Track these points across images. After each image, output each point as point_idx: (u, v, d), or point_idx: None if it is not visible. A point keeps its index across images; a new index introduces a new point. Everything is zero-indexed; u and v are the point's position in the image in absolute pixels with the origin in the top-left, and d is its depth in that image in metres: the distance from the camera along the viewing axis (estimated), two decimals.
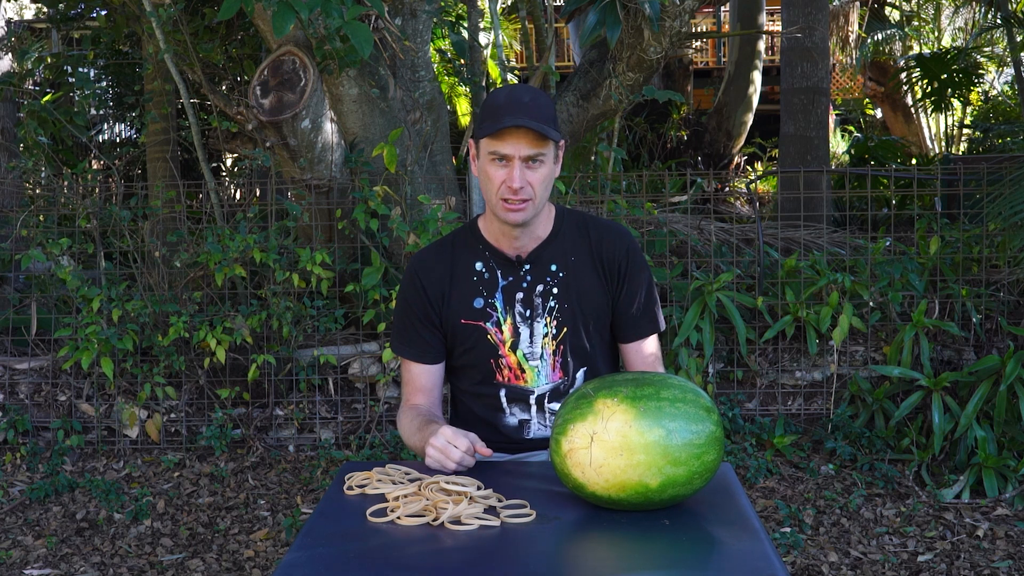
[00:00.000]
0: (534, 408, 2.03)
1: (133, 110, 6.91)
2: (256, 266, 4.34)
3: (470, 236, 2.04)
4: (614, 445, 1.54)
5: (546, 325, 2.00)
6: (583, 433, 1.56)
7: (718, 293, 4.17)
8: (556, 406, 2.03)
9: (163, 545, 3.48)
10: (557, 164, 1.93)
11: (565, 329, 2.00)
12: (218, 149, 6.28)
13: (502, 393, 2.02)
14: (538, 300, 1.99)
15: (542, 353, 2.01)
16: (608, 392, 1.59)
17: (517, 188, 1.85)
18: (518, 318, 1.99)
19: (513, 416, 2.04)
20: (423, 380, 2.03)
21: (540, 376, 2.01)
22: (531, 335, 2.00)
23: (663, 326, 2.10)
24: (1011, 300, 4.36)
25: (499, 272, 2.00)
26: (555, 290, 2.00)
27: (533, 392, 2.02)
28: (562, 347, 2.01)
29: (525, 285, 2.00)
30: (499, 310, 1.99)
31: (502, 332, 1.99)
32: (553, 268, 2.00)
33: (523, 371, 2.01)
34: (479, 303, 1.99)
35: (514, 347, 2.00)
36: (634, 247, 2.04)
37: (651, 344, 2.07)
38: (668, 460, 1.54)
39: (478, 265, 2.01)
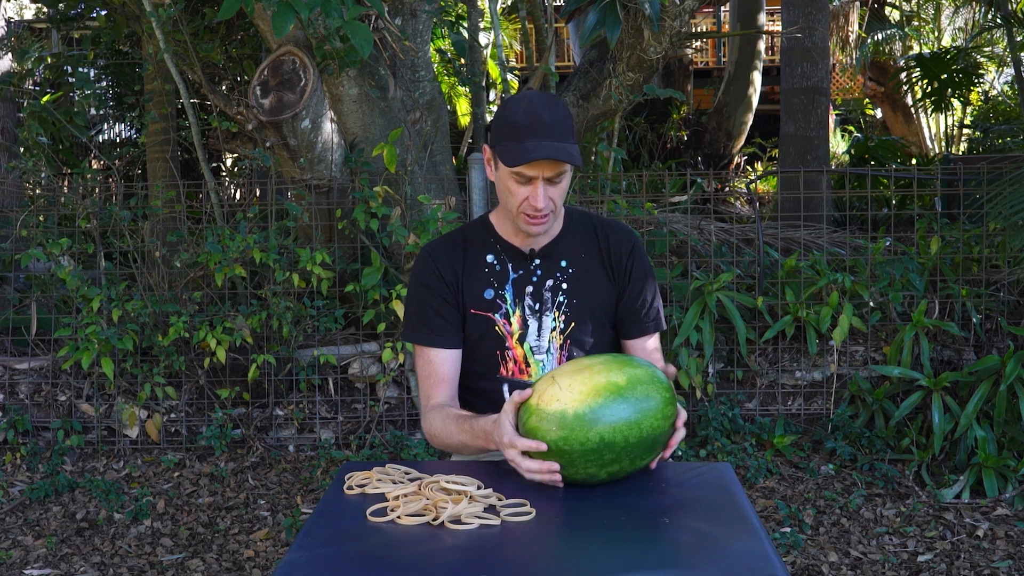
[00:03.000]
0: None
1: (133, 110, 6.92)
2: (256, 266, 4.34)
3: (481, 230, 2.06)
4: (572, 369, 1.68)
5: (554, 319, 2.02)
6: (543, 381, 1.69)
7: (718, 293, 4.17)
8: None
9: (163, 545, 3.48)
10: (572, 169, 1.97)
11: (573, 324, 2.03)
12: (218, 149, 6.29)
13: (504, 388, 2.03)
14: (547, 294, 2.02)
15: (548, 347, 2.02)
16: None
17: (542, 206, 1.88)
18: (527, 311, 2.01)
19: None
20: (445, 368, 2.01)
21: (545, 370, 2.03)
22: (539, 329, 2.02)
23: (664, 326, 2.13)
24: (1011, 300, 4.36)
25: (510, 265, 2.03)
26: (564, 285, 2.02)
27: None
28: (568, 342, 2.03)
29: (535, 279, 2.02)
30: (508, 302, 2.01)
31: (510, 324, 2.01)
32: (563, 264, 2.03)
33: (528, 365, 2.02)
34: (489, 294, 2.01)
35: (521, 340, 2.02)
36: (639, 246, 2.09)
37: (654, 342, 2.10)
38: (625, 364, 1.69)
39: (489, 257, 2.03)
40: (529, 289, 2.02)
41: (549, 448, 1.64)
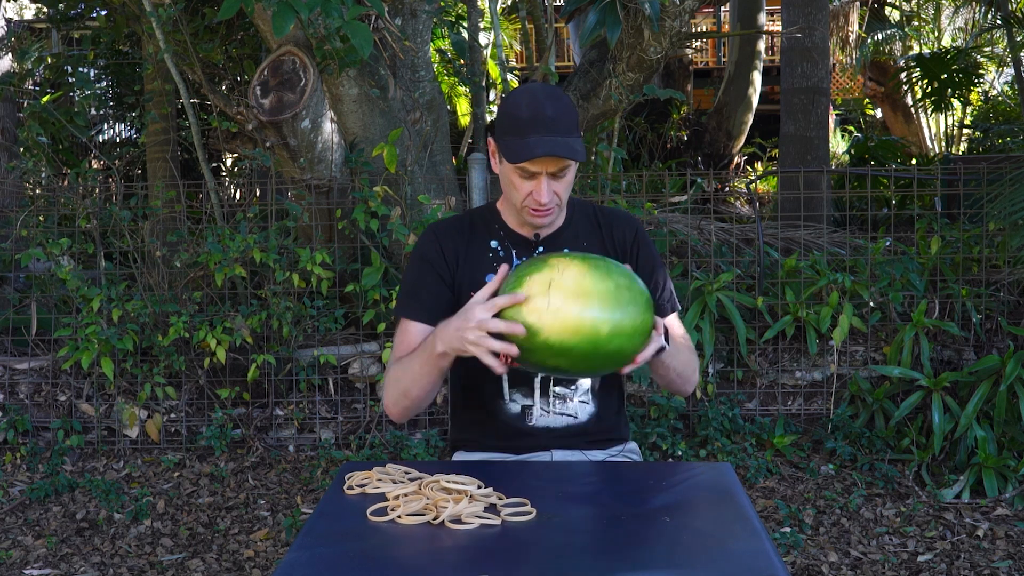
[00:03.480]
0: (537, 392, 2.01)
1: (133, 110, 6.92)
2: (256, 266, 4.34)
3: (488, 215, 2.07)
4: (571, 290, 1.61)
5: None
6: (540, 281, 1.63)
7: (718, 293, 4.17)
8: (560, 389, 2.01)
9: (163, 545, 3.48)
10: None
11: None
12: (218, 149, 6.29)
13: (504, 377, 2.00)
14: None
15: None
16: (560, 254, 1.71)
17: (546, 202, 1.89)
18: None
19: (514, 402, 2.02)
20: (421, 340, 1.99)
21: None
22: None
23: (680, 306, 2.11)
24: (1011, 300, 4.36)
25: (514, 252, 2.03)
26: None
27: (538, 373, 2.01)
28: None
29: None
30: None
31: None
32: (566, 252, 2.02)
33: None
34: (490, 279, 2.00)
35: None
36: (642, 231, 2.08)
37: (674, 323, 2.07)
38: (619, 307, 1.62)
39: (494, 243, 2.04)
40: None
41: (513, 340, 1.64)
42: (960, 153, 10.03)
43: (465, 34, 6.23)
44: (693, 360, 2.02)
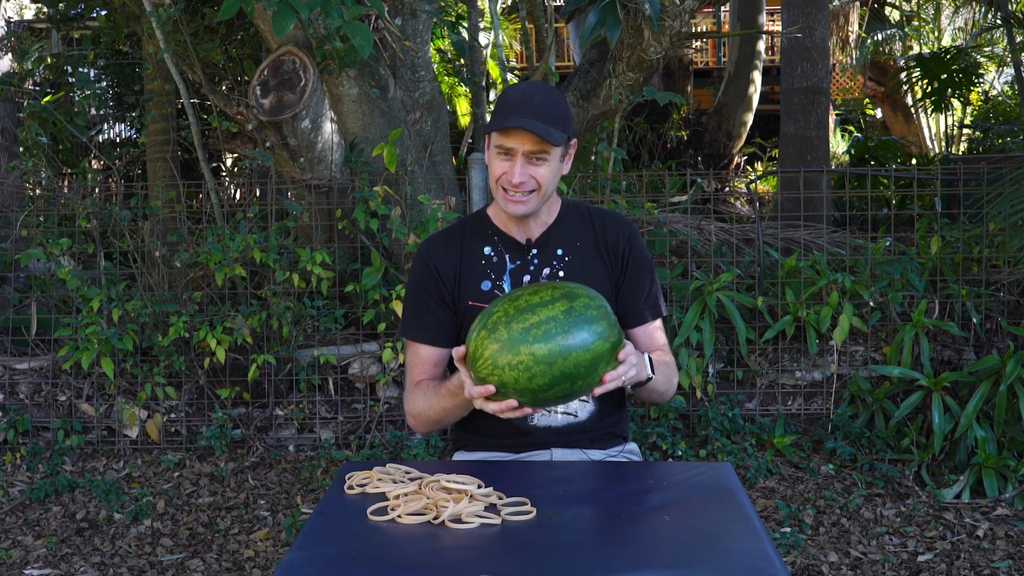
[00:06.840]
0: None
1: (133, 110, 6.91)
2: (256, 266, 4.34)
3: (479, 222, 2.10)
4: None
5: None
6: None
7: (718, 293, 4.17)
8: None
9: (163, 545, 3.48)
10: (566, 161, 2.00)
11: None
12: (218, 149, 6.28)
13: None
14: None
15: None
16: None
17: (517, 182, 1.92)
18: None
19: None
20: (434, 361, 2.05)
21: None
22: None
23: (665, 312, 2.14)
24: (1011, 300, 4.36)
25: (507, 256, 2.05)
26: (561, 273, 2.05)
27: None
28: None
29: (532, 268, 2.05)
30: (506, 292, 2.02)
31: None
32: (559, 252, 2.06)
33: None
34: (486, 285, 2.03)
35: None
36: (636, 235, 2.11)
37: (656, 329, 2.10)
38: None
39: (487, 249, 2.06)
40: (526, 278, 2.04)
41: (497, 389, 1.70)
42: (960, 153, 10.03)
43: (465, 34, 6.23)
44: (672, 374, 2.05)
